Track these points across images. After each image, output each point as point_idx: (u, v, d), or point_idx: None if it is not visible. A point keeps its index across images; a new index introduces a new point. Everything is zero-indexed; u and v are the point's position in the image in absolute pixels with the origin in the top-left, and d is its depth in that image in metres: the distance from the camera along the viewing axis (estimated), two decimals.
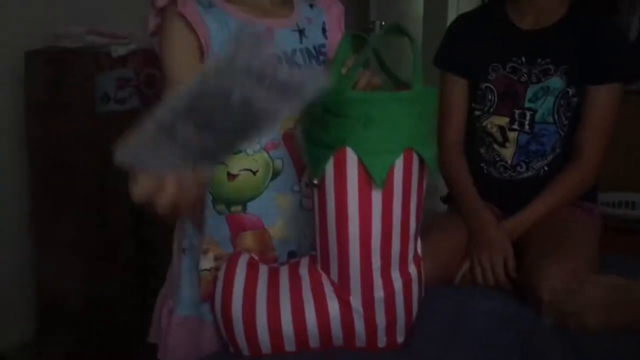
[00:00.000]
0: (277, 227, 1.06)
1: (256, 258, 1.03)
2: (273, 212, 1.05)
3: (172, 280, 1.11)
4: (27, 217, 1.93)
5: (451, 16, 3.61)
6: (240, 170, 1.02)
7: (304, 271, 1.00)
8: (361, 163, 0.90)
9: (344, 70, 0.98)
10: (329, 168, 0.92)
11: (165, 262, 1.16)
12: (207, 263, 1.04)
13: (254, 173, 1.02)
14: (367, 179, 0.91)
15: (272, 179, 1.04)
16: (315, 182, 0.94)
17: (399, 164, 0.91)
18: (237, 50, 0.62)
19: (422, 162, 0.94)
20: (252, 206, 1.04)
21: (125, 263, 2.02)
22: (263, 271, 1.01)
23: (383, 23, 2.91)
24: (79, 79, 1.87)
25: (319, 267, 1.00)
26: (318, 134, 0.93)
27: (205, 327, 1.06)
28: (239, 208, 1.04)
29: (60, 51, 1.87)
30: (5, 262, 1.96)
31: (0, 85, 1.86)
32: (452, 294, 1.25)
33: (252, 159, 1.02)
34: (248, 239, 1.05)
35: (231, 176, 1.02)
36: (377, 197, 0.92)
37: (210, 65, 0.70)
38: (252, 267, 1.01)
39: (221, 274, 0.99)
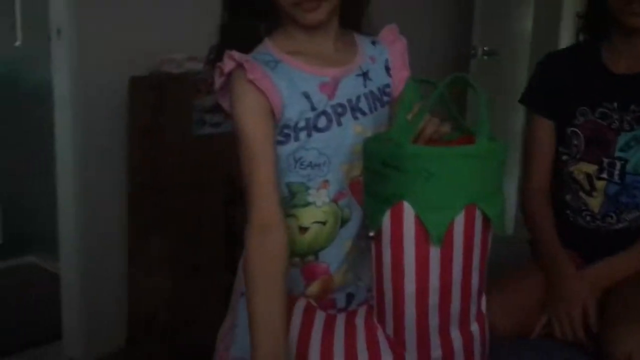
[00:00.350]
0: (341, 272, 1.05)
1: (314, 304, 1.02)
2: (342, 258, 1.05)
3: (232, 318, 1.13)
4: (122, 233, 2.05)
5: (563, 38, 3.41)
6: (311, 223, 1.02)
7: (360, 321, 0.98)
8: (419, 219, 0.87)
9: (409, 117, 0.96)
10: (386, 221, 0.90)
11: None
12: None
13: (324, 224, 1.02)
14: (425, 235, 0.88)
15: (342, 226, 1.03)
16: (372, 234, 0.92)
17: (459, 220, 0.88)
18: None
19: (486, 217, 0.90)
20: (323, 254, 1.03)
21: (213, 281, 2.10)
22: (319, 317, 1.00)
23: (486, 48, 2.80)
24: (178, 103, 1.97)
25: (375, 319, 0.98)
26: (376, 186, 0.91)
27: None
28: (312, 258, 1.04)
29: (162, 77, 1.98)
30: (100, 275, 2.09)
31: (105, 109, 1.99)
32: (528, 348, 1.20)
33: (321, 211, 1.02)
34: (314, 286, 1.05)
35: (303, 229, 1.02)
36: (435, 253, 0.89)
37: None
38: (309, 313, 1.00)
39: None
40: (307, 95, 0.98)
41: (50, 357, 2.15)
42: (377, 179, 0.91)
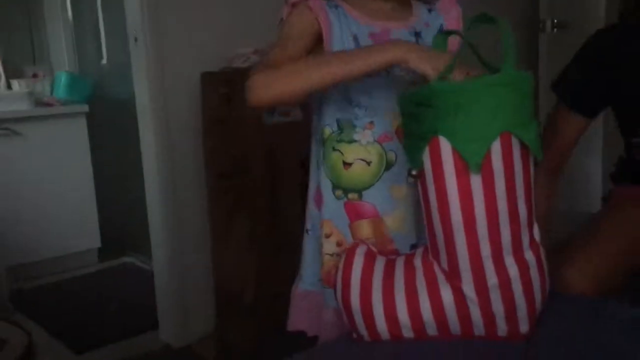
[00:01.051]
0: (392, 218, 1.10)
1: (374, 250, 1.07)
2: (388, 202, 1.10)
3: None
4: (206, 216, 2.17)
5: None
6: (355, 159, 1.08)
7: (417, 261, 1.02)
8: (455, 150, 0.91)
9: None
10: (426, 159, 0.94)
11: None
12: (329, 247, 1.12)
13: (368, 164, 1.08)
14: (464, 165, 0.91)
15: (386, 169, 1.09)
16: (414, 173, 0.97)
17: (495, 147, 0.90)
18: None
19: (524, 145, 0.92)
20: (367, 194, 1.09)
21: (294, 260, 2.17)
22: (379, 262, 1.05)
23: (555, 21, 2.73)
24: None
25: (430, 257, 1.02)
26: (413, 127, 0.96)
27: (329, 310, 1.13)
28: (355, 196, 1.10)
29: (232, 71, 2.09)
30: (189, 264, 2.22)
31: (182, 102, 2.13)
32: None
33: (365, 150, 1.08)
34: (364, 227, 1.10)
35: (347, 165, 1.08)
36: (476, 182, 0.92)
37: None
38: (369, 258, 1.05)
39: (341, 265, 1.05)
40: (356, 39, 1.06)
41: (148, 343, 2.29)
42: (413, 119, 0.96)
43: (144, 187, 2.25)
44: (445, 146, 0.92)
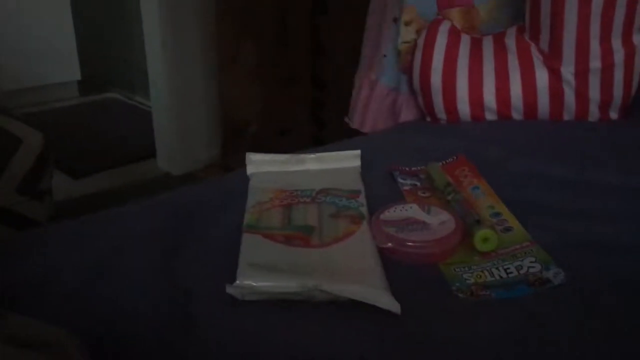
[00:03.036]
0: (488, 7, 1.01)
1: (458, 27, 1.00)
2: None
3: (373, 55, 1.11)
4: (212, 38, 2.04)
5: None
6: None
7: (510, 41, 0.96)
8: None
9: None
10: None
11: (335, 98, 1.16)
12: (408, 35, 1.02)
13: None
14: None
15: None
16: None
17: None
18: None
19: None
20: None
21: (300, 96, 2.11)
22: (465, 40, 0.98)
23: None
24: None
25: (527, 37, 0.96)
26: None
27: (401, 98, 1.06)
28: None
29: None
30: (190, 89, 2.12)
31: None
32: None
33: None
34: (455, 16, 1.01)
35: None
36: None
37: None
38: (454, 35, 0.97)
39: (421, 42, 0.98)
40: None
41: (146, 172, 2.23)
42: None
43: (128, 18, 2.09)
44: None
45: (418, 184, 0.75)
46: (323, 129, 2.17)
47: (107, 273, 0.55)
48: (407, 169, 0.79)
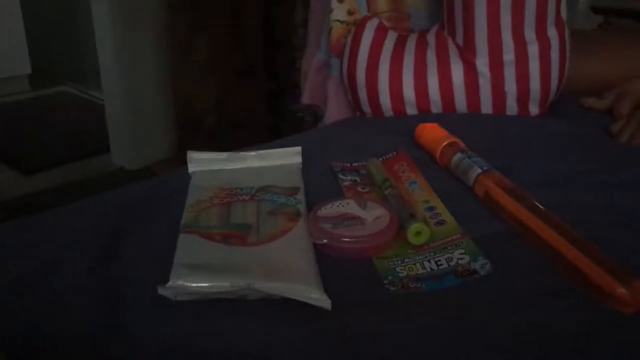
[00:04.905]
0: None
1: (386, 24, 1.02)
2: None
3: (317, 37, 1.14)
4: (165, 30, 2.03)
5: None
6: None
7: (431, 37, 0.99)
8: None
9: None
10: None
11: (291, 89, 1.20)
12: (340, 14, 1.04)
13: None
14: None
15: None
16: None
17: None
18: None
19: None
20: None
21: (256, 88, 2.11)
22: (391, 37, 1.00)
23: None
24: None
25: (445, 33, 0.98)
26: None
27: (331, 81, 1.09)
28: None
29: None
30: (143, 83, 2.10)
31: None
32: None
33: None
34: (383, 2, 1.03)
35: None
36: None
37: None
38: (381, 32, 1.00)
39: (349, 39, 1.00)
40: None
41: (99, 167, 2.21)
42: None
43: (79, 10, 2.06)
44: None
45: (358, 179, 0.77)
46: (281, 120, 2.18)
47: (42, 275, 0.56)
48: (347, 164, 0.80)
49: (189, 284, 0.50)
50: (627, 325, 0.50)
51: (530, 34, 0.92)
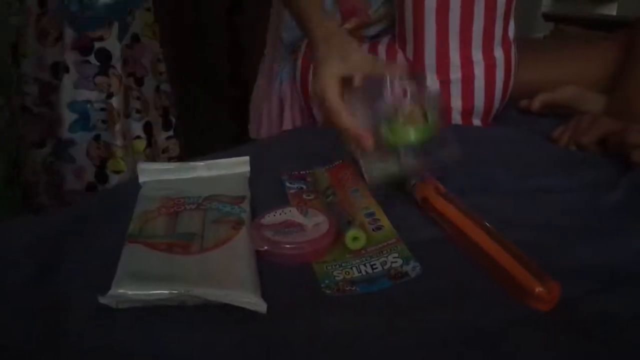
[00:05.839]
0: (379, 12, 1.07)
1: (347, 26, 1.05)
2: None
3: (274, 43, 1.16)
4: None
5: None
6: None
7: (382, 47, 1.03)
8: None
9: None
10: None
11: None
12: None
13: None
14: None
15: None
16: None
17: None
18: None
19: None
20: None
21: (220, 95, 2.13)
22: None
23: None
24: None
25: (397, 45, 1.02)
26: None
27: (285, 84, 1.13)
28: None
29: None
30: None
31: None
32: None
33: None
34: (352, 22, 1.06)
35: None
36: None
37: None
38: None
39: (303, 47, 1.03)
40: None
41: None
42: None
43: None
44: None
45: (304, 187, 0.80)
46: (244, 126, 2.20)
47: None
48: (295, 173, 0.83)
49: (129, 292, 0.53)
50: (543, 321, 0.54)
51: (477, 54, 0.97)
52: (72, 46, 1.41)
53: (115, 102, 1.46)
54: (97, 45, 1.42)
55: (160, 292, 0.53)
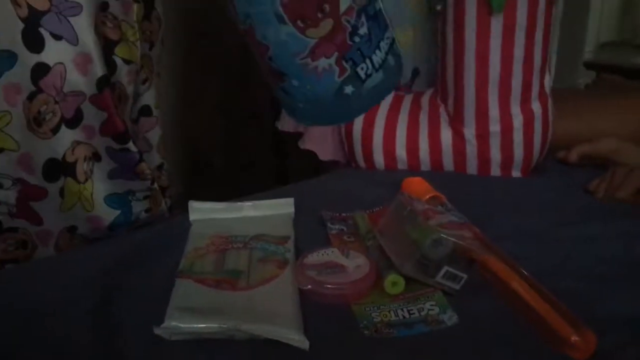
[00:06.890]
0: (407, 34, 1.12)
1: None
2: (406, 14, 1.10)
3: None
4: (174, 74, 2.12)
5: None
6: None
7: (425, 100, 1.07)
8: None
9: None
10: None
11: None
12: None
13: None
14: (487, 5, 0.94)
15: None
16: (438, 7, 0.98)
17: None
18: None
19: None
20: None
21: (262, 129, 2.19)
22: (388, 97, 1.08)
23: None
24: None
25: (438, 99, 1.05)
26: None
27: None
28: None
29: None
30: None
31: None
32: None
33: None
34: None
35: None
36: (497, 24, 0.95)
37: None
38: None
39: None
40: None
41: None
42: None
43: None
44: None
45: (345, 229, 0.83)
46: (285, 160, 2.25)
47: (40, 321, 0.62)
48: (337, 214, 0.87)
49: (181, 325, 0.57)
50: None
51: (515, 108, 0.99)
52: None
53: None
54: None
55: (210, 325, 0.57)
